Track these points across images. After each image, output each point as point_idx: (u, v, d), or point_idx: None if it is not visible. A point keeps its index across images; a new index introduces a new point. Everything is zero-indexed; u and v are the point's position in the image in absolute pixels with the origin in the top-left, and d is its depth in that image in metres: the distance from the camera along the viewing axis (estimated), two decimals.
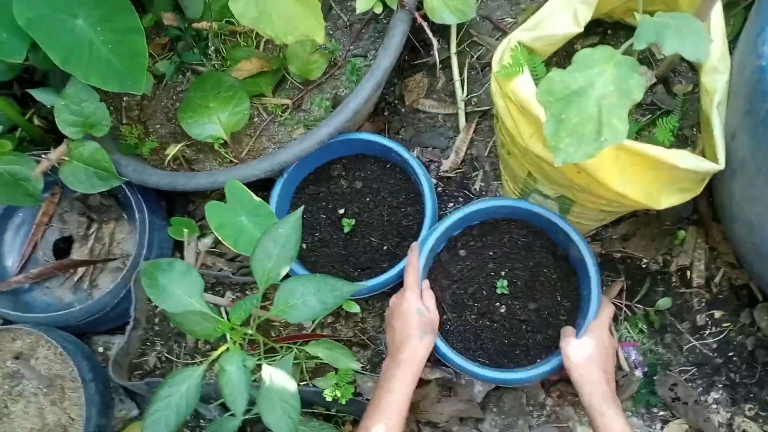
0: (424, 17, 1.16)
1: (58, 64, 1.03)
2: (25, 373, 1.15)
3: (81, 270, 1.28)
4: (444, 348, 1.05)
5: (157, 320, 1.22)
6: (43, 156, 1.15)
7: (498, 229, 1.16)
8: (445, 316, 1.12)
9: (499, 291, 1.12)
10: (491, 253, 1.15)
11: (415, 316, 1.02)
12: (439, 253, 1.15)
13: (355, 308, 1.13)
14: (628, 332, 1.20)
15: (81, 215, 1.30)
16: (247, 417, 1.02)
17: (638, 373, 1.17)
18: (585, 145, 0.76)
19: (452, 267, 1.14)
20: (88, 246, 1.29)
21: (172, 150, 1.24)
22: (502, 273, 1.13)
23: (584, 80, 0.77)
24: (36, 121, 1.31)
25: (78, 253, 1.28)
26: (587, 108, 0.76)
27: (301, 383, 1.11)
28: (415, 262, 1.08)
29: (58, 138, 1.19)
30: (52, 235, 1.30)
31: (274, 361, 1.01)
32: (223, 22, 1.30)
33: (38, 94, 1.18)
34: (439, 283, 1.13)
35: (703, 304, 1.18)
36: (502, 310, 1.11)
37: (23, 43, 1.06)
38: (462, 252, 1.15)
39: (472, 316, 1.11)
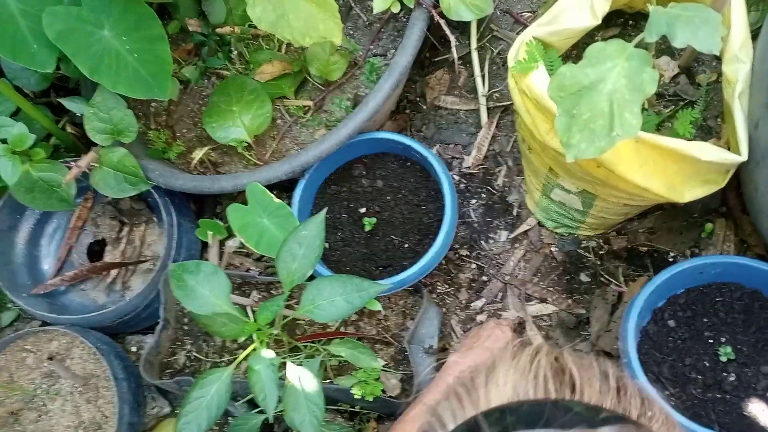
0: (442, 15, 1.16)
1: (86, 74, 1.07)
2: (60, 373, 1.20)
3: (114, 272, 1.32)
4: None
5: (186, 320, 1.25)
6: (72, 163, 1.18)
7: (707, 295, 1.07)
8: (667, 392, 1.04)
9: (723, 358, 1.03)
10: (705, 320, 1.06)
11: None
12: (646, 327, 1.09)
13: (377, 306, 1.14)
14: None
15: (113, 219, 1.34)
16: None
17: None
18: (597, 140, 0.75)
19: (663, 339, 1.07)
20: (120, 249, 1.33)
21: (198, 154, 1.27)
22: (722, 339, 1.05)
23: (596, 75, 0.76)
24: (69, 129, 1.35)
25: (111, 255, 1.32)
26: (599, 103, 0.75)
27: (325, 381, 1.12)
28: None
29: (89, 145, 1.23)
30: (86, 239, 1.34)
31: (298, 359, 1.03)
32: (246, 26, 1.32)
33: (68, 103, 1.22)
34: (652, 357, 1.06)
35: None
36: (732, 379, 1.02)
37: (53, 54, 1.09)
38: (671, 323, 1.08)
39: (698, 390, 1.03)
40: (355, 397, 1.06)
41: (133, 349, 1.35)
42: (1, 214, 1.29)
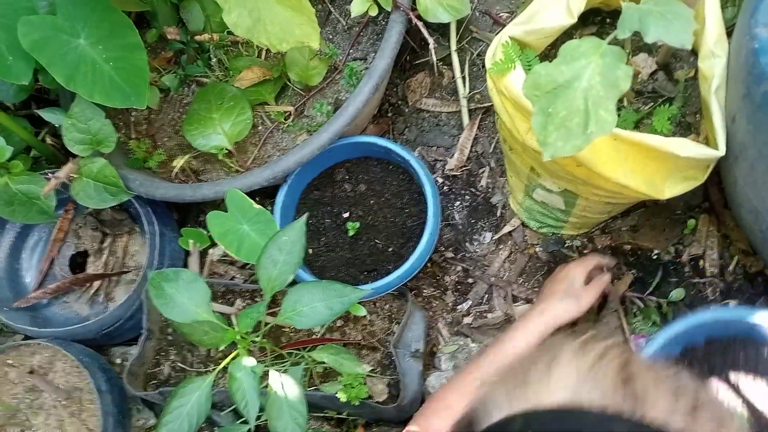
0: (419, 17, 1.16)
1: (62, 83, 1.06)
2: (42, 387, 1.18)
3: (97, 284, 1.31)
4: None
5: (170, 330, 1.24)
6: (51, 174, 1.17)
7: (731, 347, 0.97)
8: None
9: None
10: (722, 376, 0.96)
11: (566, 281, 1.06)
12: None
13: (362, 311, 1.14)
14: (642, 325, 1.18)
15: (94, 230, 1.33)
16: (258, 423, 1.03)
17: None
18: (573, 138, 0.75)
19: None
20: (103, 260, 1.32)
21: (179, 162, 1.26)
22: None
23: (570, 73, 0.76)
24: (48, 140, 1.34)
25: (93, 267, 1.31)
26: (574, 101, 0.75)
27: (311, 388, 1.12)
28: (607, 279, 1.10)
29: (69, 156, 1.21)
30: (67, 250, 1.33)
31: (282, 367, 1.02)
32: (225, 33, 1.31)
33: (46, 114, 1.20)
34: None
35: (718, 293, 1.15)
36: None
37: (29, 65, 1.09)
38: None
39: None
40: (341, 401, 1.06)
41: (118, 360, 1.33)
42: None
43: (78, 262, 1.34)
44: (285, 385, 0.91)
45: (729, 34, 0.90)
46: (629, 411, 0.41)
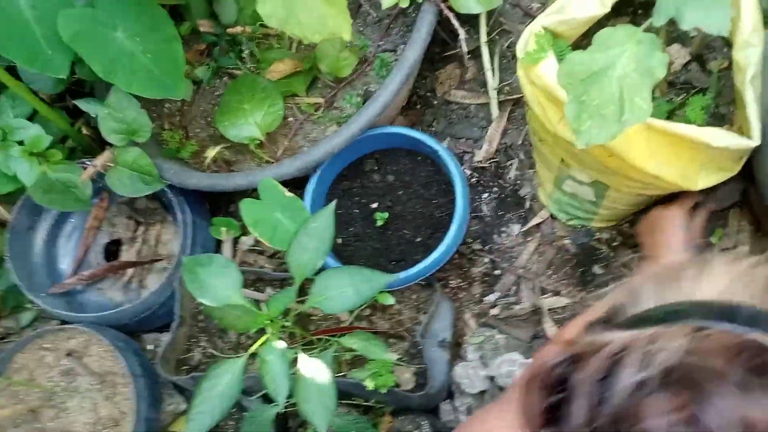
0: (450, 8, 1.16)
1: (101, 75, 1.08)
2: (78, 370, 1.21)
3: (130, 271, 1.34)
4: None
5: (201, 317, 1.26)
6: (88, 163, 1.20)
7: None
8: None
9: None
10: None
11: (679, 231, 1.00)
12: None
13: (390, 300, 1.15)
14: None
15: (128, 218, 1.36)
16: (287, 409, 1.05)
17: None
18: (607, 126, 0.75)
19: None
20: (136, 248, 1.34)
21: (211, 152, 1.28)
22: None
23: (605, 60, 0.76)
24: (84, 131, 1.37)
25: (126, 255, 1.34)
26: (609, 88, 0.75)
27: (340, 375, 1.13)
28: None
29: (104, 146, 1.24)
30: (102, 238, 1.36)
31: (311, 353, 1.03)
32: (257, 25, 1.33)
33: (84, 105, 1.23)
34: None
35: None
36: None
37: (67, 59, 1.11)
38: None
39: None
40: (368, 389, 1.07)
41: (150, 346, 1.36)
42: (19, 214, 1.31)
43: (112, 250, 1.37)
44: (315, 369, 0.93)
45: (766, 23, 0.90)
46: None
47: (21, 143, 1.16)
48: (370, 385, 1.07)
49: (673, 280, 0.48)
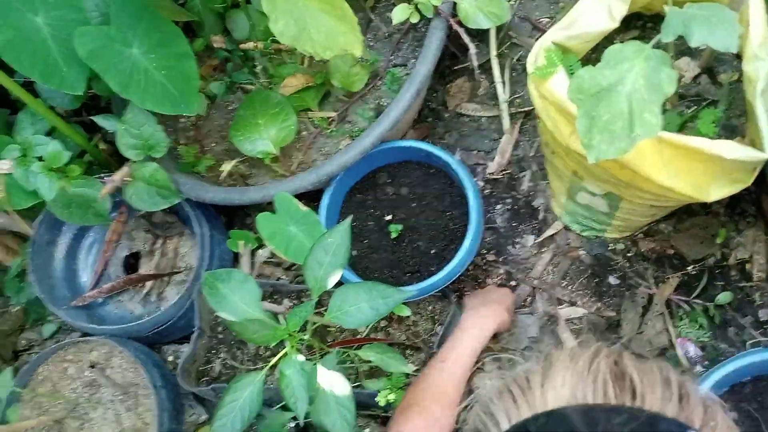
0: (460, 23, 1.18)
1: (117, 91, 1.11)
2: (101, 382, 1.24)
3: (149, 284, 1.36)
4: None
5: (220, 329, 1.28)
6: (107, 178, 1.22)
7: None
8: None
9: None
10: None
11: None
12: None
13: (406, 311, 1.16)
14: (688, 328, 1.17)
15: (147, 232, 1.38)
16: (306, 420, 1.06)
17: (698, 368, 1.14)
18: (617, 141, 0.76)
19: None
20: (155, 261, 1.37)
21: (227, 167, 1.30)
22: None
23: (614, 76, 0.77)
24: (101, 146, 1.40)
25: (145, 267, 1.36)
26: (618, 104, 0.76)
27: (356, 385, 1.14)
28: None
29: (121, 161, 1.27)
30: (121, 251, 1.39)
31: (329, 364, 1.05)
32: (269, 41, 1.35)
33: (101, 121, 1.26)
34: None
35: (766, 298, 1.14)
36: None
37: (82, 75, 1.14)
38: (732, 414, 1.00)
39: None
40: (380, 404, 1.08)
41: (170, 358, 1.38)
42: (40, 229, 1.34)
43: (131, 263, 1.39)
44: (334, 381, 0.94)
45: None
46: (627, 403, 0.45)
47: (40, 159, 1.19)
48: (382, 401, 1.08)
49: (523, 391, 0.48)
